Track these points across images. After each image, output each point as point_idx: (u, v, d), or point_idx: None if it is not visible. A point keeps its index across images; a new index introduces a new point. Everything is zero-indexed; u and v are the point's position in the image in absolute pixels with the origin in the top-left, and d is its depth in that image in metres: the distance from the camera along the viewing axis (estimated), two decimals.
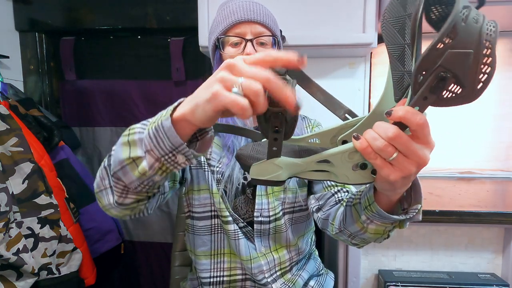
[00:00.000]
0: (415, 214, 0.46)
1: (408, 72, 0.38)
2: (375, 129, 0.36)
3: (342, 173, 0.41)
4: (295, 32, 1.07)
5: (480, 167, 1.39)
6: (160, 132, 0.40)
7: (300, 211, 0.77)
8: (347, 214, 0.58)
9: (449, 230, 0.99)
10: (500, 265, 0.99)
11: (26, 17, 1.38)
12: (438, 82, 0.31)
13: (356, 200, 0.55)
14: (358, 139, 0.37)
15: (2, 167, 0.93)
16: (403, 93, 0.40)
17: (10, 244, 0.89)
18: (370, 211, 0.49)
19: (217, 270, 0.75)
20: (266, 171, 0.40)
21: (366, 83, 1.32)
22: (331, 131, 0.48)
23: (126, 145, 0.45)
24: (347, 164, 0.40)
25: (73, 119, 1.53)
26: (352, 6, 1.08)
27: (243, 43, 0.69)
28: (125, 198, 0.48)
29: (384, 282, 0.96)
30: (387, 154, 0.35)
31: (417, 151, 0.35)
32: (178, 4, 1.34)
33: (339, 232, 0.62)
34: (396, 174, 0.37)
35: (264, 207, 0.72)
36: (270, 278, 0.74)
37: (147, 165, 0.42)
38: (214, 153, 0.73)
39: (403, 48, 0.38)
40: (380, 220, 0.49)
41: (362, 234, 0.55)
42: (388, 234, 0.53)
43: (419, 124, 0.33)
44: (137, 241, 1.59)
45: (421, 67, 0.31)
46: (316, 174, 0.42)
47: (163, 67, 1.45)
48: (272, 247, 0.74)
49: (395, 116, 0.34)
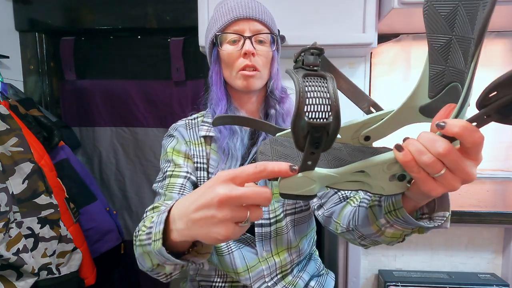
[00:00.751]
0: (444, 222, 0.43)
1: (451, 69, 0.34)
2: (422, 141, 0.32)
3: (377, 184, 0.37)
4: (295, 32, 1.07)
5: (480, 167, 1.39)
6: (163, 256, 0.43)
7: (301, 211, 0.76)
8: (360, 215, 0.55)
9: (449, 230, 0.99)
10: (500, 265, 0.99)
11: (26, 17, 1.38)
12: (510, 105, 0.28)
13: (373, 202, 0.52)
14: (400, 150, 0.33)
15: (2, 167, 0.93)
16: (440, 90, 0.36)
17: (10, 244, 0.89)
18: (393, 216, 0.45)
19: (219, 276, 0.75)
20: (298, 186, 0.36)
21: (366, 83, 1.32)
22: (353, 125, 0.43)
23: (146, 255, 0.49)
24: (384, 175, 0.36)
25: (73, 119, 1.53)
26: (352, 6, 1.08)
27: (242, 41, 0.68)
28: (170, 279, 0.53)
29: (384, 282, 0.96)
30: (434, 170, 0.32)
31: (466, 168, 0.32)
32: (178, 4, 1.34)
33: (346, 232, 0.60)
34: (439, 190, 0.34)
35: (264, 209, 0.71)
36: (271, 282, 0.73)
37: (172, 269, 0.47)
38: (212, 160, 0.72)
39: (449, 39, 0.33)
40: (402, 225, 0.46)
41: (377, 237, 0.52)
42: (404, 237, 0.50)
43: (476, 143, 0.30)
44: None
45: (500, 85, 0.28)
46: (349, 185, 0.38)
47: (163, 67, 1.45)
48: (273, 251, 0.74)
49: (450, 131, 0.30)
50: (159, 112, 1.49)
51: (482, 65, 1.32)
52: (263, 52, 0.69)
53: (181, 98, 1.47)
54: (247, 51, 0.66)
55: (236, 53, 0.68)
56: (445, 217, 0.43)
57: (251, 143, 0.73)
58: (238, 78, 0.69)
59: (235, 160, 0.70)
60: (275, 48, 0.72)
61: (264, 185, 0.69)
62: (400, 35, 1.34)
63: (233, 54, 0.68)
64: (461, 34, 0.32)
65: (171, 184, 0.66)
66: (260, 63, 0.69)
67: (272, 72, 0.73)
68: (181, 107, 1.47)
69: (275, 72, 0.73)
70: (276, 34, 0.73)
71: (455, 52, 0.33)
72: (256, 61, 0.68)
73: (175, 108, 1.47)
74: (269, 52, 0.71)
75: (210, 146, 0.74)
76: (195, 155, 0.72)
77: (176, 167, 0.69)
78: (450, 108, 0.34)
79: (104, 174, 1.56)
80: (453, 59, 0.34)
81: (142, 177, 1.54)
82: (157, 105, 1.48)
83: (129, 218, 1.58)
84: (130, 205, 1.56)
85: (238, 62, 0.68)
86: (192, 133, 0.75)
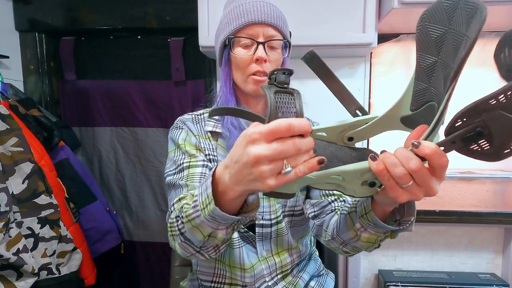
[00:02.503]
0: (408, 225, 0.48)
1: (433, 89, 0.37)
2: (398, 156, 0.36)
3: (350, 188, 0.41)
4: (295, 32, 1.06)
5: (480, 167, 1.39)
6: (216, 218, 0.44)
7: (299, 215, 0.76)
8: (341, 222, 0.59)
9: (449, 230, 0.99)
10: (500, 265, 0.99)
11: (26, 17, 1.38)
12: (473, 134, 0.32)
13: (351, 208, 0.56)
14: (374, 160, 0.37)
15: (2, 167, 0.93)
16: (421, 106, 0.40)
17: (10, 244, 0.89)
18: (365, 220, 0.50)
19: (219, 276, 0.74)
20: None
21: (366, 83, 1.32)
22: (339, 127, 0.47)
23: (195, 229, 0.49)
24: (357, 180, 0.40)
25: (73, 119, 1.53)
26: (352, 6, 1.08)
27: (254, 45, 0.67)
28: (218, 252, 0.54)
29: (384, 282, 0.96)
30: (403, 181, 0.36)
31: (431, 184, 0.36)
32: (178, 4, 1.34)
33: (331, 239, 0.63)
34: (404, 197, 0.38)
35: (265, 210, 0.71)
36: (271, 281, 0.73)
37: (224, 234, 0.48)
38: (220, 155, 0.72)
39: (434, 61, 0.37)
40: (374, 229, 0.50)
41: (354, 241, 0.56)
42: (379, 243, 0.55)
43: (442, 166, 0.35)
44: (137, 241, 1.59)
45: (466, 114, 0.31)
46: (326, 185, 0.43)
47: (163, 67, 1.45)
48: (274, 250, 0.74)
49: (422, 151, 0.34)
50: (159, 112, 1.49)
51: (480, 65, 1.32)
52: (274, 58, 0.69)
53: (181, 98, 1.47)
54: (260, 58, 0.66)
55: (248, 58, 0.68)
56: (409, 221, 0.48)
57: None
58: (248, 82, 0.69)
59: None
60: (287, 55, 0.72)
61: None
62: (400, 35, 1.34)
63: (245, 58, 0.68)
64: (445, 60, 0.35)
65: (190, 175, 0.65)
66: (271, 69, 0.69)
67: None
68: (181, 107, 1.47)
69: None
70: (289, 39, 0.72)
71: (438, 74, 0.36)
72: (267, 67, 0.68)
73: (175, 108, 1.47)
74: (280, 58, 0.71)
75: (217, 142, 0.74)
76: (205, 147, 0.72)
77: (192, 157, 0.69)
78: (423, 129, 0.38)
79: (104, 174, 1.56)
80: (435, 80, 0.37)
81: (142, 177, 1.54)
82: (157, 105, 1.48)
83: (129, 218, 1.58)
84: (130, 205, 1.56)
85: (250, 67, 0.68)
86: (200, 128, 0.75)
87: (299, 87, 0.89)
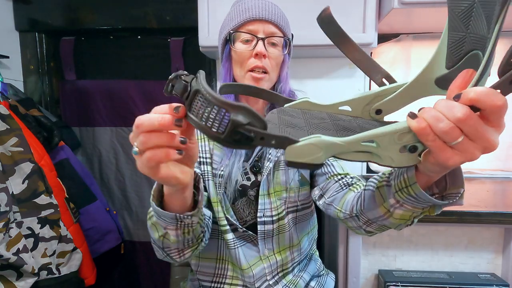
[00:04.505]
0: (458, 198, 0.41)
1: (472, 35, 0.33)
2: (438, 107, 0.31)
3: (387, 155, 0.35)
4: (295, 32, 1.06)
5: (480, 167, 1.39)
6: (159, 214, 0.46)
7: (303, 209, 0.76)
8: (365, 199, 0.53)
9: (449, 230, 0.99)
10: (500, 265, 0.99)
11: (26, 17, 1.38)
12: None
13: (381, 182, 0.49)
14: (414, 118, 0.32)
15: (2, 167, 0.93)
16: (459, 60, 0.35)
17: (10, 244, 0.89)
18: (405, 194, 0.43)
19: (220, 276, 0.75)
20: (304, 153, 0.35)
21: (366, 83, 1.32)
22: (364, 98, 0.42)
23: (153, 227, 0.52)
24: (395, 145, 0.34)
25: (73, 119, 1.53)
26: (352, 6, 1.08)
27: (254, 41, 0.68)
28: (183, 256, 0.56)
29: (384, 282, 0.96)
30: (451, 137, 0.30)
31: (487, 135, 0.30)
32: (178, 4, 1.34)
33: (349, 218, 0.59)
34: (456, 159, 0.32)
35: (266, 207, 0.72)
36: (272, 280, 0.73)
37: (174, 236, 0.49)
38: (216, 156, 0.72)
39: (471, 3, 0.32)
40: (413, 203, 0.43)
41: (384, 219, 0.50)
42: (413, 220, 0.47)
43: (497, 106, 0.28)
44: (137, 241, 1.59)
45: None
46: (358, 155, 0.36)
47: (163, 67, 1.45)
48: (275, 249, 0.74)
49: (467, 97, 0.29)
50: None
51: None
52: (274, 55, 0.69)
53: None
54: (259, 52, 0.67)
55: (247, 52, 0.69)
56: (459, 193, 0.41)
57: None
58: (246, 79, 0.70)
59: (238, 156, 0.71)
60: (287, 52, 0.72)
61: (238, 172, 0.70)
62: (400, 35, 1.34)
63: (245, 53, 0.69)
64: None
65: None
66: (270, 65, 0.69)
67: (282, 75, 0.74)
68: None
69: (284, 75, 0.74)
70: (289, 38, 0.73)
71: (477, 16, 0.32)
72: (266, 63, 0.68)
73: None
74: (280, 55, 0.71)
75: (214, 142, 0.74)
76: (199, 150, 0.72)
77: None
78: (468, 74, 0.31)
79: (104, 174, 1.56)
80: (475, 25, 0.33)
81: (142, 177, 1.54)
82: (157, 105, 1.48)
83: (129, 218, 1.58)
84: (130, 205, 1.56)
85: (249, 62, 0.69)
86: None
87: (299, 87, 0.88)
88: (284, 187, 0.73)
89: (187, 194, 0.45)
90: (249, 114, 0.31)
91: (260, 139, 0.32)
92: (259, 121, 0.31)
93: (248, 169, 0.73)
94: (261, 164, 0.73)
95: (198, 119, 0.33)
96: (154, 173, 0.37)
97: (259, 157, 0.74)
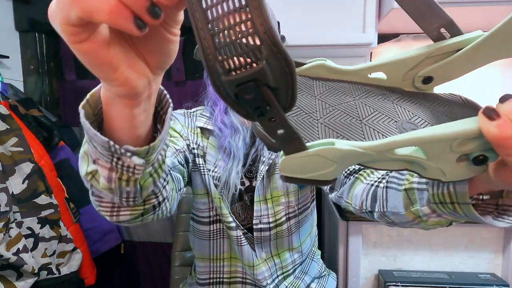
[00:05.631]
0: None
1: None
2: None
3: (435, 167, 0.25)
4: (295, 32, 1.07)
5: None
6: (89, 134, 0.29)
7: (304, 210, 0.75)
8: (389, 198, 0.44)
9: (449, 230, 0.99)
10: (500, 265, 0.99)
11: (26, 17, 1.38)
12: None
13: (410, 183, 0.40)
14: (494, 119, 0.20)
15: (2, 167, 0.93)
16: None
17: (10, 244, 0.89)
18: (448, 209, 0.33)
19: (217, 273, 0.74)
20: (309, 167, 0.24)
21: None
22: (407, 60, 0.29)
23: (84, 158, 0.33)
24: (450, 154, 0.23)
25: (73, 119, 1.53)
26: (352, 6, 1.08)
27: None
28: (116, 217, 0.39)
29: (384, 282, 0.96)
30: None
31: None
32: None
33: (361, 213, 0.53)
34: None
35: (263, 213, 0.70)
36: (273, 284, 0.72)
37: (105, 179, 0.31)
38: (209, 155, 0.70)
39: None
40: (456, 217, 0.34)
41: (414, 224, 0.41)
42: (451, 223, 0.38)
43: None
44: (137, 241, 1.58)
45: None
46: (389, 164, 0.26)
47: None
48: (273, 252, 0.73)
49: None
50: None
51: None
52: None
53: (181, 98, 1.47)
54: None
55: None
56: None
57: (251, 142, 0.72)
58: None
59: (237, 160, 0.68)
60: None
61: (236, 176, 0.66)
62: (400, 35, 1.34)
63: None
64: None
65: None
66: None
67: None
68: (181, 107, 1.47)
69: None
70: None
71: None
72: None
73: (175, 108, 1.47)
74: None
75: (207, 140, 0.72)
76: (190, 140, 0.70)
77: (172, 137, 0.64)
78: None
79: None
80: None
81: None
82: None
83: None
84: None
85: None
86: (190, 121, 0.74)
87: None
88: (283, 192, 0.70)
89: (137, 113, 0.28)
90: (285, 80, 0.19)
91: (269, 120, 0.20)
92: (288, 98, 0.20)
93: (241, 174, 0.71)
94: (255, 168, 0.71)
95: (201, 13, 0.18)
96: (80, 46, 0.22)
97: (253, 160, 0.71)
